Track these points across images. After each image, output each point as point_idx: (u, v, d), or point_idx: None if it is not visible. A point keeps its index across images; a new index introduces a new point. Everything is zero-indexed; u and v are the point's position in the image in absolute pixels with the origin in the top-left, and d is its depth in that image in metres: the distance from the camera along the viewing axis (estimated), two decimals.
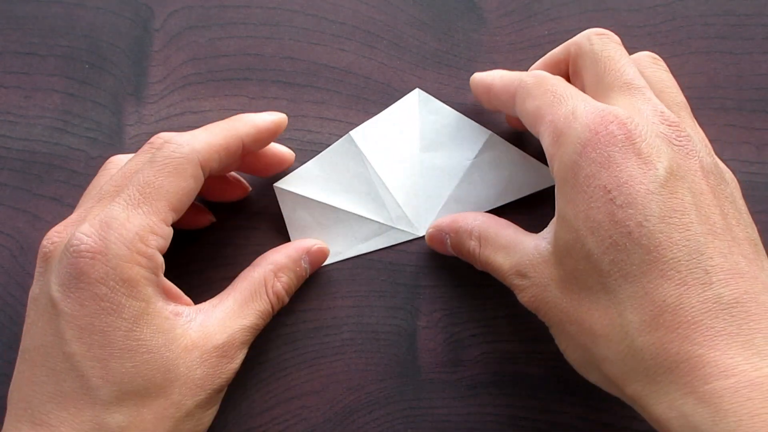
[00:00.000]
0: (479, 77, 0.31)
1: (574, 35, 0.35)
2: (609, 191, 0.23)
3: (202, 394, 0.25)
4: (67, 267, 0.24)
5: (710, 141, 0.34)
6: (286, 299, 0.30)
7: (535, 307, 0.26)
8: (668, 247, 0.22)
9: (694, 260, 0.22)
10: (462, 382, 0.31)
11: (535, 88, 0.26)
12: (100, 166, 0.33)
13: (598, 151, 0.23)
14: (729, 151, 0.33)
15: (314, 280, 0.32)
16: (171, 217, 0.26)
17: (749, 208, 0.33)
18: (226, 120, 0.29)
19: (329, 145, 0.32)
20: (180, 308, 0.26)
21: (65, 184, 0.33)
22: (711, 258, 0.22)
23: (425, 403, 0.31)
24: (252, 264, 0.30)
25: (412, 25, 0.35)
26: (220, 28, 0.35)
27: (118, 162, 0.29)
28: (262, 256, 0.30)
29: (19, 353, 0.26)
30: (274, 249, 0.30)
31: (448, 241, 0.30)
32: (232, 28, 0.35)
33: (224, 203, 0.33)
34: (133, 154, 0.28)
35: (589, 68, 0.27)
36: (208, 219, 0.32)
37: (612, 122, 0.23)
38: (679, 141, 0.24)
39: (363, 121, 0.33)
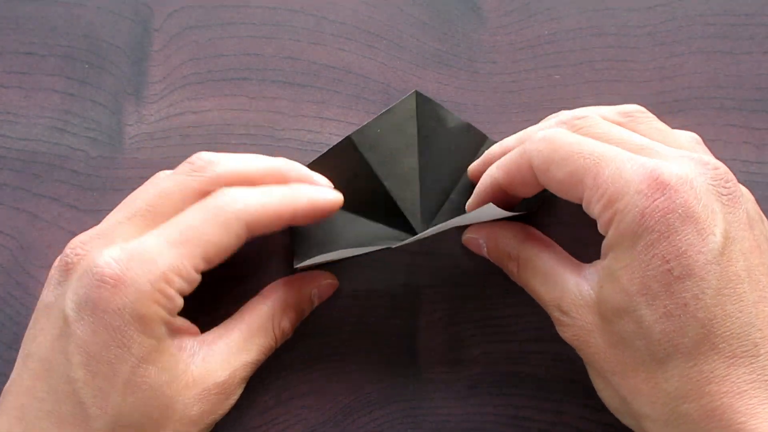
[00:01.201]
0: (476, 193, 0.29)
1: (574, 35, 0.35)
2: (667, 261, 0.22)
3: (194, 429, 0.25)
4: (87, 289, 0.24)
5: (710, 141, 0.34)
6: (290, 334, 0.30)
7: (577, 346, 0.26)
8: (722, 320, 0.22)
9: (745, 333, 0.22)
10: (462, 382, 0.31)
11: (553, 153, 0.25)
12: (101, 166, 0.33)
13: (656, 220, 0.23)
14: (729, 151, 0.33)
15: None
16: (202, 266, 0.25)
17: None
18: (287, 186, 0.28)
19: (329, 145, 0.32)
20: (185, 341, 0.26)
21: (65, 184, 0.33)
22: (760, 330, 0.22)
23: (425, 403, 0.31)
24: (260, 294, 0.29)
25: (412, 25, 0.35)
26: (220, 28, 0.35)
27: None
28: (272, 286, 0.30)
29: (22, 355, 0.25)
30: (285, 280, 0.30)
31: (485, 248, 0.30)
32: (232, 28, 0.35)
33: None
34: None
35: (555, 164, 0.26)
36: None
37: (667, 186, 0.23)
38: (726, 190, 0.24)
39: (363, 121, 0.33)
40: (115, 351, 0.23)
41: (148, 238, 0.25)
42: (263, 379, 0.31)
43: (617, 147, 0.25)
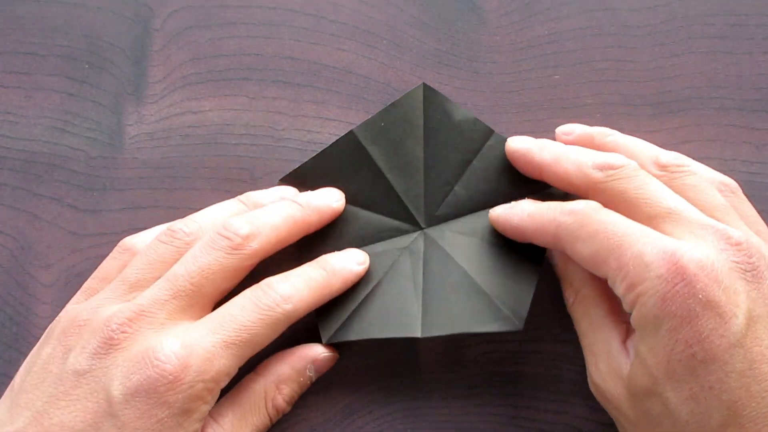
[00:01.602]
0: (503, 218, 0.29)
1: (574, 35, 0.35)
2: (690, 346, 0.23)
3: None
4: (142, 378, 0.24)
5: (710, 141, 0.34)
6: (288, 409, 0.29)
7: (605, 405, 0.27)
8: (747, 401, 0.22)
9: None
10: (462, 382, 0.31)
11: (580, 229, 0.25)
12: (100, 166, 0.33)
13: (678, 305, 0.23)
14: (729, 151, 0.33)
15: None
16: (243, 362, 0.26)
17: None
18: (322, 269, 0.29)
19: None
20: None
21: (65, 184, 0.33)
22: None
23: (425, 403, 0.31)
24: (254, 371, 0.29)
25: (412, 25, 0.35)
26: (220, 28, 0.35)
27: (184, 236, 0.28)
28: (265, 364, 0.29)
29: (38, 413, 0.25)
30: (279, 356, 0.30)
31: (555, 261, 0.30)
32: (232, 28, 0.35)
33: None
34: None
35: (615, 203, 0.26)
36: None
37: (687, 271, 0.23)
38: (750, 266, 0.24)
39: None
40: None
41: (206, 335, 0.25)
42: None
43: (641, 224, 0.25)
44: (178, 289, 0.26)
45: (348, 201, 0.32)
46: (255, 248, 0.27)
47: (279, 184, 0.32)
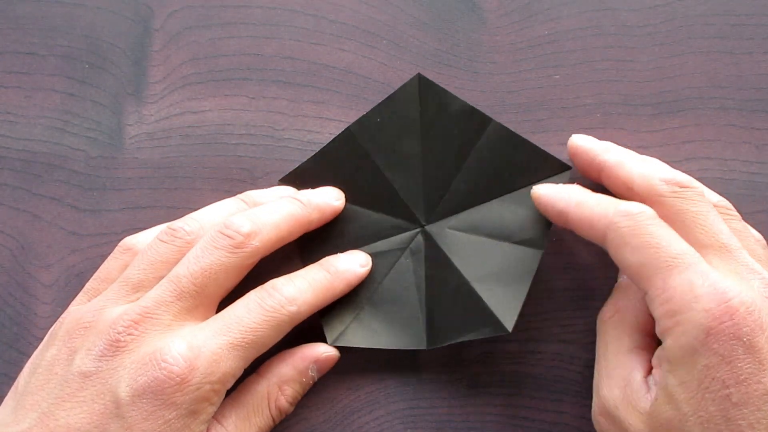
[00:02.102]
0: (549, 197, 0.28)
1: (574, 35, 0.35)
2: (727, 387, 0.22)
3: None
4: (150, 379, 0.24)
5: (710, 141, 0.34)
6: (291, 410, 0.29)
7: (611, 429, 0.26)
8: None
9: None
10: (462, 382, 0.31)
11: (632, 236, 0.25)
12: (100, 166, 0.33)
13: (721, 343, 0.23)
14: (729, 151, 0.33)
15: None
16: (249, 363, 0.27)
17: (750, 209, 0.33)
18: (326, 271, 0.29)
19: None
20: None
21: (65, 184, 0.33)
22: None
23: (425, 403, 0.31)
24: (257, 372, 0.29)
25: (412, 25, 0.35)
26: (220, 28, 0.35)
27: (185, 236, 0.28)
28: (267, 364, 0.29)
29: (44, 414, 0.25)
30: (281, 357, 0.30)
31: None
32: (232, 28, 0.35)
33: None
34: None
35: (672, 219, 0.26)
36: None
37: (736, 312, 0.23)
38: None
39: None
40: None
41: (212, 337, 0.25)
42: None
43: (697, 250, 0.25)
44: (182, 291, 0.26)
45: (348, 200, 0.32)
46: (257, 246, 0.27)
47: (279, 185, 0.32)
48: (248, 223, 0.27)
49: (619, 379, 0.26)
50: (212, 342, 0.25)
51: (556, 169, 0.31)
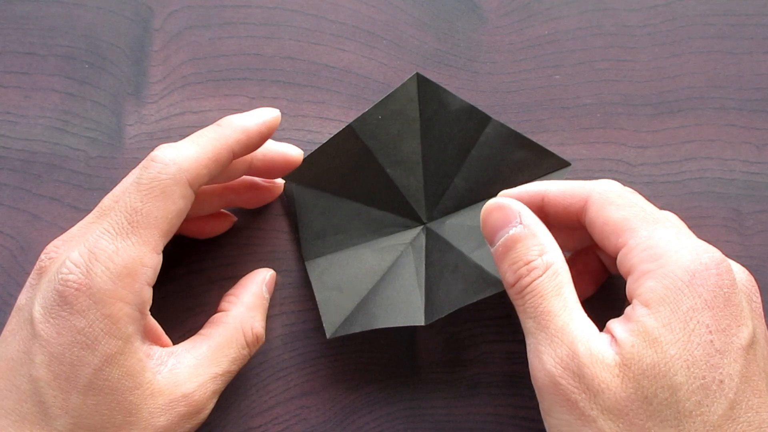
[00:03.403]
0: (518, 191, 0.28)
1: (574, 35, 0.35)
2: (710, 332, 0.22)
3: None
4: (52, 292, 0.24)
5: (710, 141, 0.34)
6: (264, 338, 0.29)
7: (570, 390, 0.23)
8: (747, 409, 0.22)
9: (764, 429, 0.22)
10: (462, 382, 0.31)
11: (619, 198, 0.26)
12: (100, 166, 0.33)
13: (706, 288, 0.23)
14: (729, 151, 0.33)
15: None
16: (161, 244, 0.25)
17: (750, 209, 0.33)
18: (213, 127, 0.27)
19: None
20: (153, 349, 0.26)
21: (65, 184, 0.33)
22: None
23: (425, 403, 0.31)
24: (219, 307, 0.29)
25: (412, 25, 0.35)
26: (220, 28, 0.35)
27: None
28: (227, 300, 0.29)
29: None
30: (235, 292, 0.30)
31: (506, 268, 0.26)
32: (232, 28, 0.35)
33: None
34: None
35: (614, 205, 0.26)
36: (230, 221, 0.32)
37: (721, 264, 0.23)
38: (756, 302, 0.25)
39: None
40: (79, 352, 0.24)
41: (101, 235, 0.25)
42: (263, 379, 0.31)
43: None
44: (103, 210, 0.26)
45: (349, 197, 0.32)
46: (165, 161, 0.25)
47: (283, 181, 0.32)
48: (166, 145, 0.26)
49: (582, 337, 0.24)
50: (101, 239, 0.24)
51: (556, 165, 0.31)
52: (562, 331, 0.24)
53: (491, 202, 0.27)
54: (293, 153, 0.30)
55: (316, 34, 0.35)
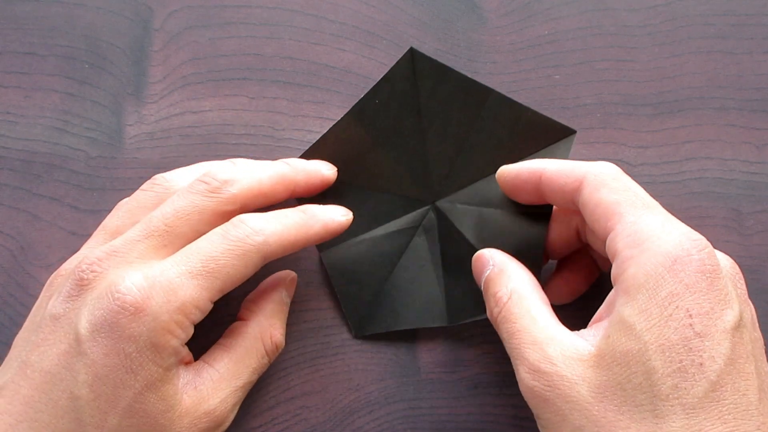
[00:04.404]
0: (519, 166, 0.28)
1: (574, 35, 0.35)
2: (691, 316, 0.22)
3: None
4: (105, 312, 0.24)
5: (710, 141, 0.34)
6: (283, 344, 0.30)
7: (545, 398, 0.24)
8: (732, 391, 0.22)
9: (749, 413, 0.22)
10: (462, 382, 0.31)
11: (613, 181, 0.26)
12: (100, 166, 0.33)
13: (687, 272, 0.23)
14: (729, 151, 0.33)
15: (314, 280, 0.32)
16: (217, 297, 0.26)
17: (750, 209, 0.33)
18: (300, 213, 0.28)
19: None
20: (180, 370, 0.26)
21: (65, 184, 0.33)
22: (762, 415, 0.22)
23: (425, 403, 0.31)
24: (240, 314, 0.29)
25: (412, 25, 0.35)
26: (220, 28, 0.35)
27: (164, 183, 0.28)
28: (246, 308, 0.29)
29: (19, 361, 0.25)
30: (254, 299, 0.30)
31: (490, 269, 0.28)
32: (232, 28, 0.35)
33: None
34: (182, 172, 0.29)
35: (608, 187, 0.26)
36: None
37: (704, 249, 0.23)
38: (741, 287, 0.24)
39: None
40: (123, 375, 0.24)
41: (171, 267, 0.25)
42: (263, 379, 0.31)
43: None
44: (152, 230, 0.26)
45: (357, 184, 0.31)
46: (233, 193, 0.27)
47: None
48: (228, 170, 0.27)
49: (551, 339, 0.25)
50: (170, 271, 0.25)
51: (561, 134, 0.30)
52: (533, 343, 0.25)
53: (474, 256, 0.29)
54: (328, 173, 0.31)
55: (316, 34, 0.35)
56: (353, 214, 0.30)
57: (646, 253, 0.23)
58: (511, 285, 0.27)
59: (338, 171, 0.31)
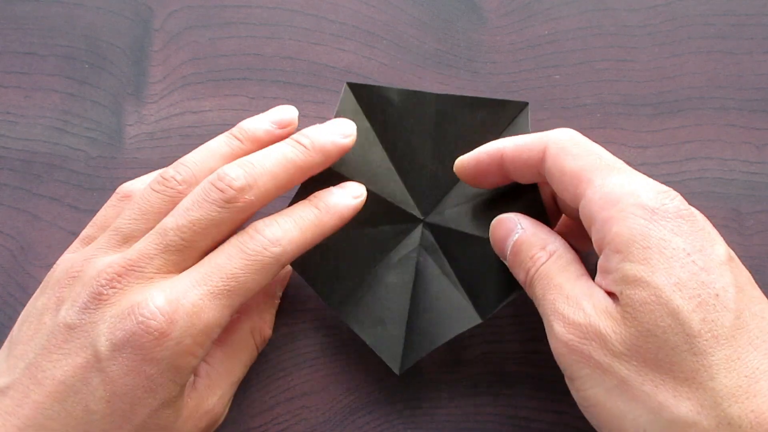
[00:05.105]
0: (474, 155, 0.28)
1: (574, 35, 0.35)
2: (689, 254, 0.23)
3: None
4: (128, 334, 0.24)
5: (710, 141, 0.34)
6: (271, 335, 0.30)
7: (582, 352, 0.24)
8: (751, 317, 0.22)
9: None
10: (462, 382, 0.31)
11: (574, 146, 0.26)
12: (100, 166, 0.33)
13: (668, 219, 0.23)
14: (729, 151, 0.33)
15: None
16: (237, 309, 0.26)
17: (750, 209, 0.33)
18: (312, 209, 0.28)
19: None
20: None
21: (65, 184, 0.33)
22: None
23: (425, 403, 0.31)
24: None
25: (412, 25, 0.35)
26: (220, 28, 0.35)
27: (176, 185, 0.27)
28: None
29: (26, 362, 0.25)
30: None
31: (518, 234, 0.27)
32: (232, 28, 0.35)
33: None
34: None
35: (570, 154, 0.26)
36: None
37: (675, 198, 0.24)
38: (711, 226, 0.25)
39: None
40: (142, 394, 0.24)
41: (192, 288, 0.25)
42: (263, 379, 0.31)
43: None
44: (168, 244, 0.25)
45: (347, 227, 0.30)
46: (250, 200, 0.26)
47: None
48: (242, 175, 0.26)
49: (585, 297, 0.24)
50: (192, 293, 0.24)
51: (516, 110, 0.30)
52: (568, 297, 0.25)
53: (493, 223, 0.29)
54: (345, 141, 0.29)
55: (316, 34, 0.35)
56: (352, 256, 0.30)
57: (624, 212, 0.23)
58: (550, 246, 0.26)
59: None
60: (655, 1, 0.35)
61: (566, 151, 0.26)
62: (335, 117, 0.30)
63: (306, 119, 0.34)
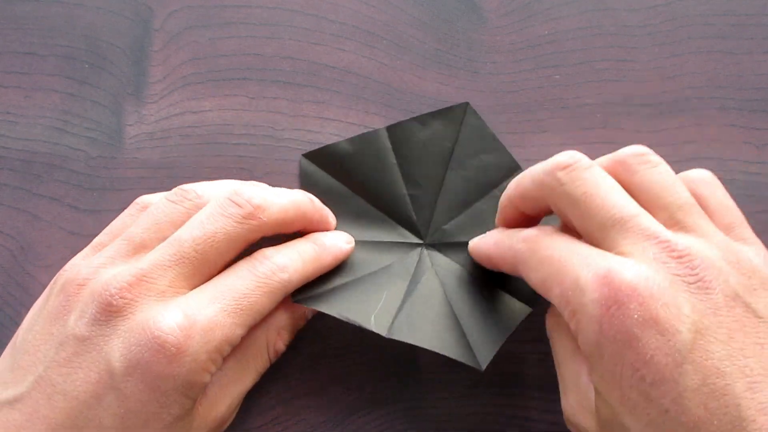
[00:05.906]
0: (476, 246, 0.29)
1: (574, 35, 0.35)
2: (637, 369, 0.21)
3: None
4: (143, 350, 0.23)
5: (710, 141, 0.34)
6: (284, 350, 0.30)
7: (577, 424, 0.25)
8: (708, 420, 0.21)
9: (737, 428, 0.21)
10: (462, 381, 0.31)
11: (531, 258, 0.25)
12: (100, 166, 0.33)
13: (615, 330, 0.21)
14: (729, 151, 0.33)
15: None
16: (247, 331, 0.26)
17: (750, 209, 0.33)
18: (313, 246, 0.29)
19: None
20: None
21: (65, 184, 0.33)
22: (753, 420, 0.21)
23: (425, 403, 0.31)
24: None
25: (412, 25, 0.35)
26: (220, 28, 0.35)
27: (196, 199, 0.28)
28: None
29: (41, 378, 0.24)
30: (281, 307, 0.29)
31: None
32: (232, 28, 0.35)
33: None
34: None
35: (570, 210, 0.25)
36: None
37: (620, 291, 0.22)
38: (694, 277, 0.22)
39: (363, 121, 0.33)
40: (156, 409, 0.24)
41: (207, 305, 0.25)
42: (264, 379, 0.31)
43: (595, 235, 0.24)
44: (182, 256, 0.25)
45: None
46: (264, 221, 0.27)
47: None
48: (259, 194, 0.27)
49: (571, 384, 0.25)
50: (207, 310, 0.25)
51: (461, 112, 0.33)
52: (563, 378, 0.26)
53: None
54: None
55: (316, 34, 0.35)
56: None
57: (580, 324, 0.23)
58: (554, 309, 0.27)
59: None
60: (655, 1, 0.35)
61: (527, 266, 0.25)
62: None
63: (306, 119, 0.34)
